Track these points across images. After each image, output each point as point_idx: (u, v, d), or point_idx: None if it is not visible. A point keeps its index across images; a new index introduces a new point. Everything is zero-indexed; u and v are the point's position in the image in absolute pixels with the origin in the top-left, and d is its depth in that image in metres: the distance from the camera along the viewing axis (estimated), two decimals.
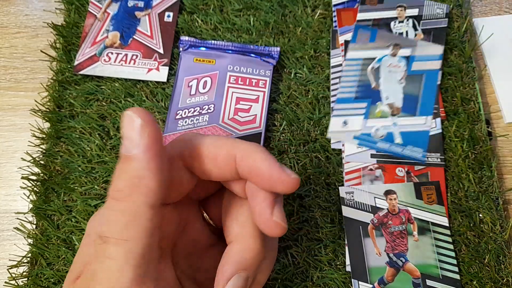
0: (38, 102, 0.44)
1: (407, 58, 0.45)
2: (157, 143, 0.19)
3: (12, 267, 0.39)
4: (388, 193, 0.40)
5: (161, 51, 0.46)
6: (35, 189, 0.41)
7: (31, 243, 0.40)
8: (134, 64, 0.45)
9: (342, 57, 0.45)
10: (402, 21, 0.46)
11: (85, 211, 0.40)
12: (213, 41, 0.45)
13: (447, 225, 0.39)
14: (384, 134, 0.42)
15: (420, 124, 0.42)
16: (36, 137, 0.43)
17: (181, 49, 0.45)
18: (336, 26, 0.47)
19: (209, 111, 0.42)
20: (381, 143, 0.41)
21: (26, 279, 0.39)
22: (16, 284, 0.38)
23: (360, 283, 0.37)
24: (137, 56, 0.46)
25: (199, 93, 0.43)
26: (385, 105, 0.43)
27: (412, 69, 0.44)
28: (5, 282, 0.38)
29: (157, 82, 0.45)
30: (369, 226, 0.39)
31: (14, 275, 0.38)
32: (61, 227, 0.40)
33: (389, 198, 0.40)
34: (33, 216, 0.41)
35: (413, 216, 0.39)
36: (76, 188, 0.41)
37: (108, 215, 0.19)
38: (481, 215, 0.40)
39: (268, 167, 0.21)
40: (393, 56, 0.45)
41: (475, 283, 0.37)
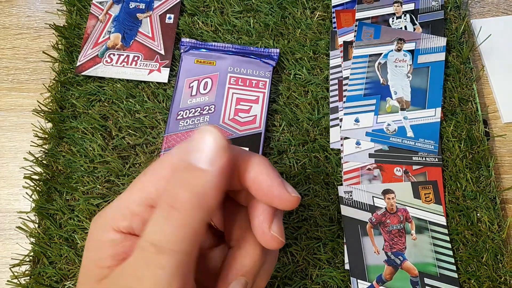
0: (40, 103, 0.45)
1: (411, 52, 0.45)
2: (229, 166, 0.20)
3: (14, 265, 0.39)
4: (386, 192, 0.40)
5: (162, 52, 0.46)
6: (37, 188, 0.42)
7: (34, 242, 0.40)
8: (136, 65, 0.46)
9: (341, 58, 0.46)
10: (400, 17, 0.47)
11: (87, 210, 0.40)
12: (213, 43, 0.46)
13: (445, 224, 0.39)
14: (395, 129, 0.42)
15: (430, 116, 0.43)
16: (38, 137, 0.44)
17: (182, 50, 0.45)
18: (335, 28, 0.47)
19: (209, 111, 0.43)
20: (393, 138, 0.42)
21: (28, 277, 0.39)
22: (18, 282, 0.39)
23: (358, 281, 0.37)
24: (138, 57, 0.46)
25: (200, 94, 0.44)
26: (394, 100, 0.44)
27: (418, 62, 0.45)
28: (8, 281, 0.39)
29: (159, 83, 0.46)
30: (367, 225, 0.39)
31: (16, 274, 0.39)
32: (63, 226, 0.41)
33: (387, 197, 0.40)
34: (35, 215, 0.41)
35: (411, 215, 0.40)
36: (79, 187, 0.42)
37: (162, 223, 0.19)
38: (478, 214, 0.40)
39: (270, 182, 0.21)
40: (398, 50, 0.45)
41: (473, 281, 0.38)
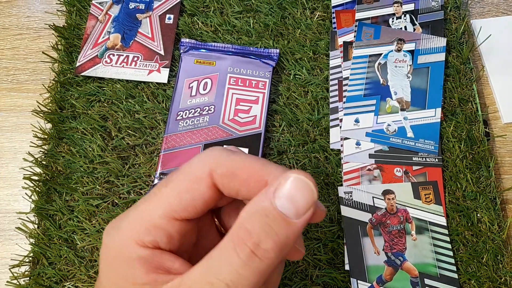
0: (40, 103, 0.45)
1: (411, 52, 0.45)
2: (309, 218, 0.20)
3: (14, 266, 0.39)
4: (386, 193, 0.40)
5: (162, 53, 0.46)
6: (37, 189, 0.41)
7: (33, 242, 0.40)
8: (135, 65, 0.46)
9: (341, 58, 0.46)
10: (400, 17, 0.47)
11: (86, 211, 0.40)
12: (213, 43, 0.46)
13: (445, 224, 0.39)
14: (395, 129, 0.42)
15: (430, 116, 0.43)
16: (38, 137, 0.44)
17: (181, 51, 0.45)
18: (335, 28, 0.47)
19: (209, 112, 0.43)
20: (393, 138, 0.42)
21: (28, 278, 0.39)
22: (18, 283, 0.39)
23: (358, 281, 0.37)
24: (138, 58, 0.46)
25: (199, 94, 0.44)
26: (394, 100, 0.43)
27: (418, 63, 0.45)
28: (7, 282, 0.38)
29: (158, 84, 0.45)
30: (367, 225, 0.39)
31: (16, 275, 0.39)
32: (63, 226, 0.41)
33: (387, 198, 0.40)
34: (35, 216, 0.41)
35: (411, 215, 0.40)
36: (78, 188, 0.41)
37: (240, 266, 0.19)
38: (479, 214, 0.40)
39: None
40: (398, 51, 0.45)
41: (473, 282, 0.38)
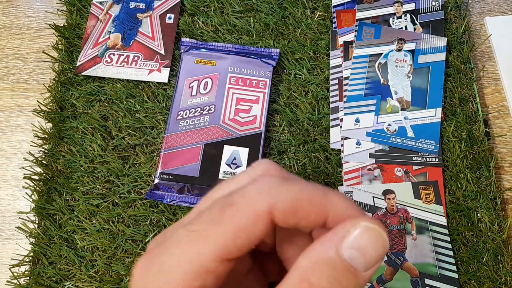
0: (40, 103, 0.45)
1: (412, 52, 0.45)
2: None
3: (14, 266, 0.39)
4: (386, 192, 0.40)
5: (162, 52, 0.46)
6: (37, 188, 0.41)
7: (33, 242, 0.40)
8: (136, 65, 0.46)
9: (342, 58, 0.46)
10: (400, 17, 0.47)
11: (87, 210, 0.40)
12: (213, 43, 0.46)
13: (445, 224, 0.39)
14: (396, 129, 0.42)
15: (430, 116, 0.43)
16: (38, 137, 0.44)
17: (182, 50, 0.45)
18: (335, 28, 0.47)
19: (210, 111, 0.43)
20: (394, 138, 0.42)
21: (28, 278, 0.39)
22: (18, 283, 0.39)
23: None
24: (138, 57, 0.46)
25: (200, 94, 0.44)
26: (395, 100, 0.43)
27: (419, 62, 0.45)
28: (7, 281, 0.38)
29: (159, 83, 0.45)
30: None
31: (16, 274, 0.39)
32: (63, 226, 0.41)
33: (387, 197, 0.40)
34: (35, 215, 0.41)
35: (411, 215, 0.39)
36: (78, 187, 0.41)
37: None
38: (479, 214, 0.40)
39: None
40: (399, 50, 0.45)
41: (473, 282, 0.38)
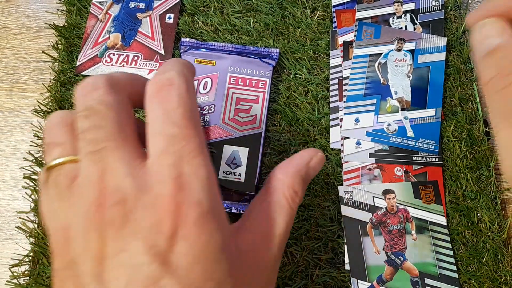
0: (40, 103, 0.45)
1: (412, 51, 0.45)
2: None
3: (13, 266, 0.39)
4: (386, 192, 0.40)
5: (162, 52, 0.46)
6: (37, 188, 0.41)
7: (33, 242, 0.40)
8: (136, 65, 0.46)
9: (341, 57, 0.46)
10: (400, 16, 0.47)
11: None
12: (213, 43, 0.46)
13: (445, 224, 0.39)
14: (396, 129, 0.42)
15: (430, 116, 0.43)
16: (38, 137, 0.44)
17: (182, 50, 0.45)
18: (335, 27, 0.47)
19: (209, 111, 0.43)
20: (394, 138, 0.42)
21: (28, 278, 0.39)
22: (17, 283, 0.39)
23: (359, 281, 0.37)
24: (138, 57, 0.46)
25: (199, 94, 0.43)
26: (395, 99, 0.43)
27: (418, 62, 0.45)
28: (7, 281, 0.38)
29: None
30: (367, 225, 0.39)
31: (15, 274, 0.39)
32: None
33: (387, 197, 0.40)
34: (35, 215, 0.41)
35: (411, 215, 0.39)
36: None
37: None
38: (479, 214, 0.40)
39: None
40: (398, 50, 0.45)
41: (473, 281, 0.38)
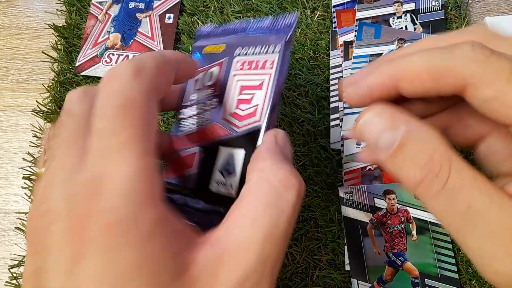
0: (39, 103, 0.45)
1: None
2: None
3: (13, 266, 0.39)
4: (387, 193, 0.40)
5: None
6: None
7: None
8: None
9: (342, 58, 0.46)
10: (400, 17, 0.47)
11: None
12: (226, 25, 0.38)
13: None
14: None
15: None
16: (37, 137, 0.44)
17: (194, 43, 0.39)
18: (335, 27, 0.47)
19: (212, 107, 0.41)
20: None
21: None
22: (17, 283, 0.38)
23: (359, 282, 0.37)
24: None
25: (204, 87, 0.40)
26: None
27: None
28: (6, 282, 0.38)
29: None
30: (368, 225, 0.39)
31: (15, 275, 0.39)
32: None
33: (388, 198, 0.40)
34: None
35: (412, 215, 0.39)
36: None
37: None
38: None
39: None
40: None
41: (473, 282, 0.38)
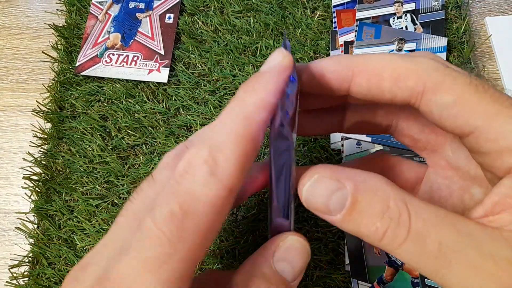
0: (39, 103, 0.45)
1: (412, 52, 0.45)
2: None
3: (13, 266, 0.39)
4: None
5: (162, 52, 0.46)
6: (36, 189, 0.41)
7: (32, 243, 0.40)
8: (135, 65, 0.46)
9: None
10: (401, 17, 0.47)
11: (86, 211, 0.40)
12: None
13: None
14: None
15: None
16: (37, 137, 0.44)
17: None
18: (335, 27, 0.47)
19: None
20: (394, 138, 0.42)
21: (27, 278, 0.39)
22: (17, 283, 0.38)
23: (359, 282, 0.37)
24: (138, 57, 0.46)
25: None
26: None
27: None
28: (6, 282, 0.38)
29: (158, 83, 0.45)
30: None
31: (15, 275, 0.39)
32: (62, 227, 0.40)
33: None
34: (34, 216, 0.41)
35: None
36: (78, 188, 0.41)
37: None
38: None
39: None
40: (399, 51, 0.45)
41: None
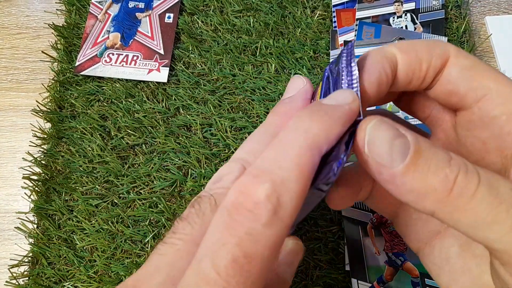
0: (39, 103, 0.45)
1: None
2: None
3: (13, 266, 0.39)
4: None
5: (161, 52, 0.46)
6: (36, 189, 0.41)
7: (32, 242, 0.40)
8: (135, 65, 0.46)
9: None
10: (401, 16, 0.47)
11: (86, 210, 0.40)
12: None
13: None
14: None
15: None
16: (37, 137, 0.44)
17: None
18: (335, 27, 0.47)
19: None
20: None
21: (27, 278, 0.39)
22: (17, 283, 0.38)
23: (359, 282, 0.37)
24: (137, 57, 0.46)
25: None
26: None
27: None
28: (6, 282, 0.38)
29: (158, 83, 0.45)
30: (368, 225, 0.39)
31: (15, 275, 0.39)
32: (62, 226, 0.40)
33: None
34: (34, 215, 0.41)
35: None
36: (77, 187, 0.41)
37: None
38: None
39: None
40: None
41: None
